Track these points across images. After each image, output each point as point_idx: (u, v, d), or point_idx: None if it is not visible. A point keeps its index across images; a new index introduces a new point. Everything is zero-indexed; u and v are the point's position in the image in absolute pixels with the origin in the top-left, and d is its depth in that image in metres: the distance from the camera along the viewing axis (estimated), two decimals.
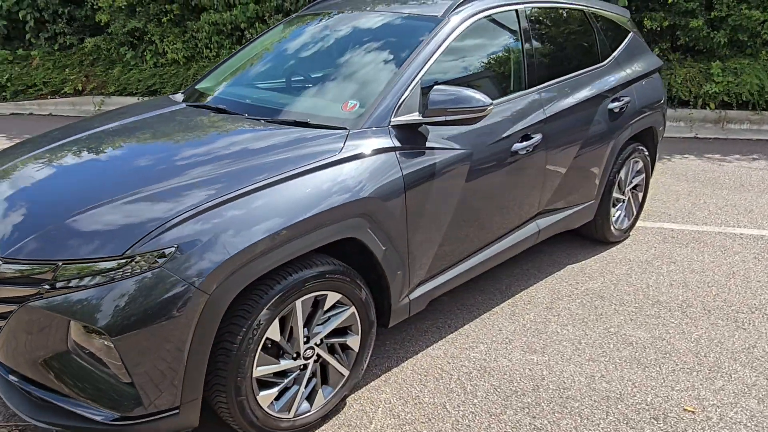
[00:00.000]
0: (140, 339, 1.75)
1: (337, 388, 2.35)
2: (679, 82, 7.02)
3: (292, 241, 1.99)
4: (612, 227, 3.88)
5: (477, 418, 2.38)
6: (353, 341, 2.36)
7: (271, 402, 2.13)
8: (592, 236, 3.94)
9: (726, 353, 2.78)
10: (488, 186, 2.78)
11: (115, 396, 1.84)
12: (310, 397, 2.28)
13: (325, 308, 2.21)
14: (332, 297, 2.20)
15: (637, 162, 3.95)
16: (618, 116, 3.55)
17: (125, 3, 8.50)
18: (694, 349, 2.82)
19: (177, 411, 1.89)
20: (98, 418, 1.86)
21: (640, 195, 4.12)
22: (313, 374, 2.27)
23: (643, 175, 4.06)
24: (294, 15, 3.54)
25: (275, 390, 2.12)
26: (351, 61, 2.76)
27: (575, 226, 3.63)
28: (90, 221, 1.86)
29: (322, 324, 2.23)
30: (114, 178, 2.12)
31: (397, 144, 2.37)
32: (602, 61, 3.58)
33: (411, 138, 2.43)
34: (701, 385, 2.56)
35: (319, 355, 2.25)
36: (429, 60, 2.56)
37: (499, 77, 2.97)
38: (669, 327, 3.00)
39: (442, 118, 2.38)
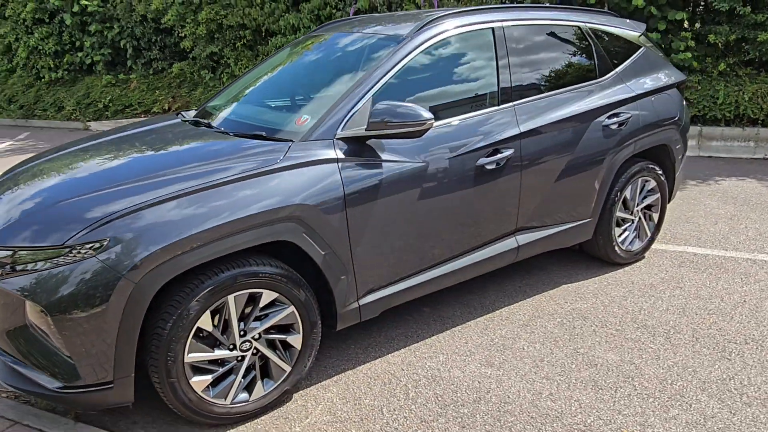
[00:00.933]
0: (75, 318, 2.04)
1: (278, 382, 2.52)
2: (748, 99, 6.53)
3: (221, 240, 2.21)
4: (617, 248, 3.74)
5: (408, 422, 2.44)
6: (294, 339, 2.52)
7: (206, 387, 2.34)
8: (596, 256, 3.82)
9: (696, 382, 2.62)
10: (448, 199, 2.84)
11: (60, 368, 2.14)
12: (249, 388, 2.46)
13: (261, 305, 2.39)
14: (268, 295, 2.39)
15: (647, 181, 3.79)
16: (616, 133, 3.45)
17: (205, 31, 9.34)
18: (662, 375, 2.68)
19: (111, 386, 2.15)
20: (48, 386, 2.16)
21: (656, 216, 3.93)
22: (252, 366, 2.45)
23: (658, 195, 3.88)
24: (302, 37, 3.81)
25: (209, 377, 2.34)
26: (320, 80, 2.97)
27: (569, 244, 3.56)
28: (47, 215, 2.20)
29: (259, 320, 2.42)
30: (82, 181, 2.46)
31: (341, 156, 2.52)
32: (600, 77, 3.51)
33: (357, 150, 2.57)
34: (653, 412, 2.44)
35: (257, 349, 2.44)
36: (383, 77, 2.70)
37: (469, 93, 3.03)
38: (644, 352, 2.87)
39: (384, 132, 2.51)
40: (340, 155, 2.52)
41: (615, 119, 3.45)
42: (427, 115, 2.49)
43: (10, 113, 11.87)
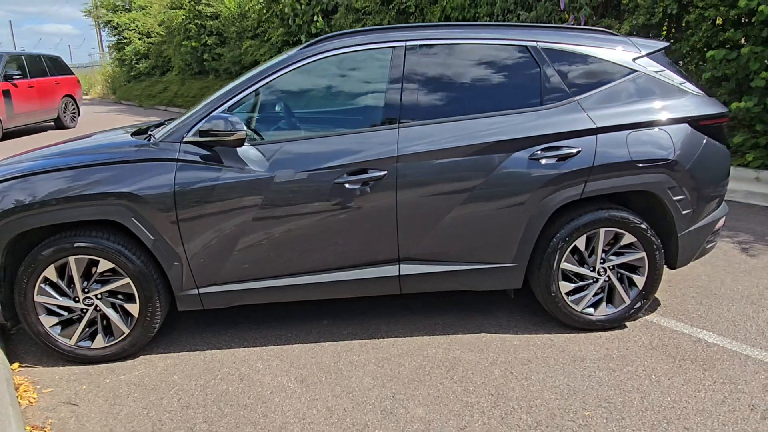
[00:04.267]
0: None
1: (117, 340, 2.99)
2: None
3: (58, 210, 2.78)
4: (569, 308, 3.13)
5: (191, 405, 2.65)
6: (132, 307, 2.96)
7: (53, 326, 2.95)
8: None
9: None
10: (301, 213, 2.89)
11: None
12: (93, 337, 3.00)
13: (100, 271, 2.90)
14: (105, 264, 2.88)
15: (621, 234, 3.07)
16: (551, 168, 2.93)
17: None
18: None
19: None
20: None
21: (640, 280, 3.15)
22: (96, 320, 2.98)
23: (641, 255, 3.10)
24: None
25: (56, 319, 2.95)
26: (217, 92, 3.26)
27: (484, 288, 3.14)
28: None
29: (100, 283, 2.93)
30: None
31: (182, 157, 2.85)
32: (544, 104, 3.01)
33: (203, 156, 2.86)
34: None
35: (98, 307, 2.95)
36: (243, 91, 2.92)
37: (346, 111, 3.00)
38: (476, 418, 2.47)
39: (207, 139, 2.77)
40: (181, 156, 2.86)
41: (552, 153, 2.93)
42: (239, 128, 2.66)
43: None
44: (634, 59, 3.11)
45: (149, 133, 3.14)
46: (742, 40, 5.93)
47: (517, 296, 3.54)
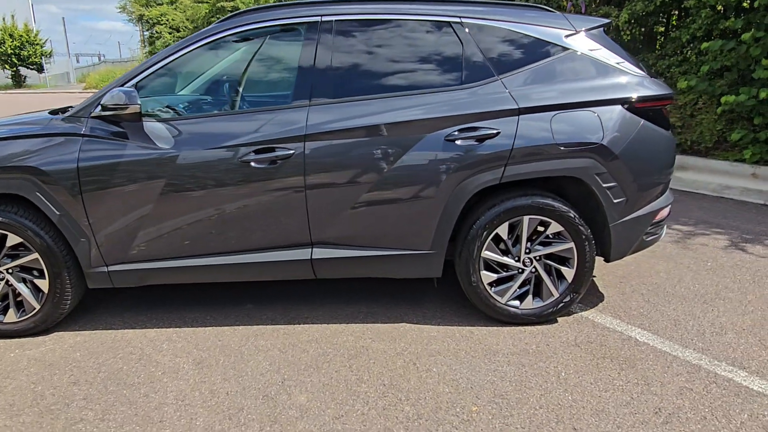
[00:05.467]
0: None
1: (28, 315, 2.98)
2: None
3: None
4: (492, 300, 2.97)
5: (83, 382, 2.63)
6: (42, 283, 2.95)
7: None
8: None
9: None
10: (207, 192, 2.81)
11: None
12: (6, 311, 3.00)
13: (9, 245, 2.89)
14: (13, 238, 2.88)
15: (547, 223, 2.89)
16: (469, 150, 2.77)
17: None
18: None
19: None
20: None
21: (570, 272, 2.96)
22: (8, 294, 2.98)
23: (570, 245, 2.91)
24: None
25: None
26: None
27: (402, 275, 3.01)
28: None
29: (10, 257, 2.93)
30: None
31: (88, 132, 2.82)
32: (466, 82, 2.84)
33: (109, 131, 2.82)
34: None
35: (10, 282, 2.95)
36: (151, 67, 2.86)
37: (254, 88, 2.92)
38: (357, 408, 2.35)
39: (107, 113, 2.72)
40: (87, 131, 2.82)
41: (469, 134, 2.77)
42: (135, 101, 2.63)
43: None
44: (566, 36, 2.92)
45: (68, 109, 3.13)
46: (743, 30, 5.56)
47: (454, 286, 3.40)
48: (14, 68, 39.52)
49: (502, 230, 2.90)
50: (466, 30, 2.90)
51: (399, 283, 3.51)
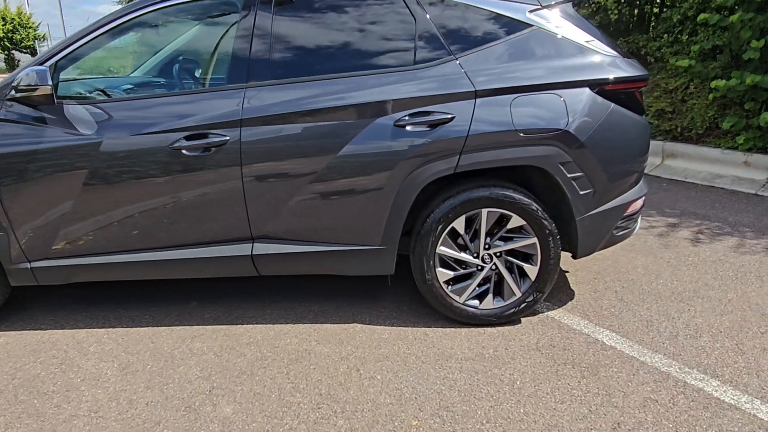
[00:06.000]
0: None
1: None
2: None
3: None
4: (448, 299, 2.74)
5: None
6: None
7: None
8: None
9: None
10: (132, 182, 2.57)
11: None
12: None
13: None
14: None
15: (508, 216, 2.65)
16: (420, 136, 2.52)
17: None
18: None
19: None
20: None
21: (534, 270, 2.72)
22: None
23: (533, 241, 2.67)
24: None
25: None
26: None
27: (351, 272, 2.76)
28: None
29: None
30: None
31: (3, 116, 2.57)
32: (418, 62, 2.59)
33: (29, 115, 2.56)
34: None
35: None
36: (67, 44, 2.60)
37: (186, 69, 2.66)
38: (286, 422, 2.13)
39: (19, 96, 2.46)
40: (2, 116, 2.57)
41: (421, 118, 2.52)
42: (45, 82, 2.37)
43: None
44: (530, 11, 2.65)
45: None
46: (734, 5, 5.26)
47: (414, 285, 3.17)
48: (7, 52, 39.03)
49: (459, 224, 2.66)
50: (420, 5, 2.63)
51: (358, 280, 3.28)
